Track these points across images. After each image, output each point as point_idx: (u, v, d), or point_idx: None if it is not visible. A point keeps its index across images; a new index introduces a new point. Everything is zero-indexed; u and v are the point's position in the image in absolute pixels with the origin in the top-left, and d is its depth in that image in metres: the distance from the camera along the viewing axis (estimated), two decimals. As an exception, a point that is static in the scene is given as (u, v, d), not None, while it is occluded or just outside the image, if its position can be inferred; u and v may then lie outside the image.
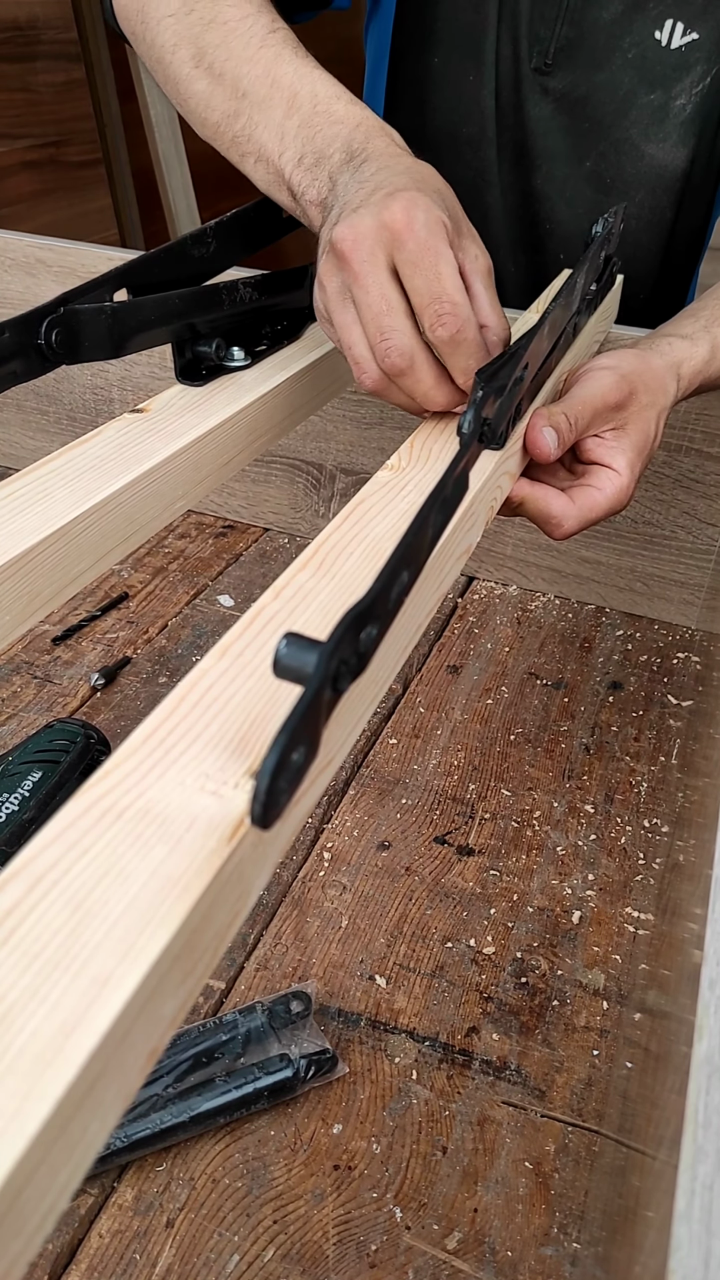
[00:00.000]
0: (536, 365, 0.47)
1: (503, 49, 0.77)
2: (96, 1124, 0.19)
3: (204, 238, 0.51)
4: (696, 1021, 0.25)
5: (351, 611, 0.24)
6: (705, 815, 0.43)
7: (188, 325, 0.49)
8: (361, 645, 0.25)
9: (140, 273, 0.47)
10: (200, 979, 0.22)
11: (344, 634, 0.23)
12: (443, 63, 0.80)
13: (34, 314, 0.41)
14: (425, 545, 0.30)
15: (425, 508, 0.29)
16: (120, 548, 0.40)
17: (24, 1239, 0.17)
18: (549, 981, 0.54)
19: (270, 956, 0.54)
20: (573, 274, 0.53)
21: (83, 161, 1.75)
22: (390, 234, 0.43)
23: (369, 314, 0.44)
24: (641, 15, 0.73)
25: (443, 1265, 0.42)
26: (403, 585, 0.28)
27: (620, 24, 0.74)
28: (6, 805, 0.56)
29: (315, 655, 0.22)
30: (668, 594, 0.82)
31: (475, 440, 0.39)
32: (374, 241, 0.43)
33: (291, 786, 0.23)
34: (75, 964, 0.19)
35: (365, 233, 0.43)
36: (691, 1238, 0.21)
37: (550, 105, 0.78)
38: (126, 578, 0.87)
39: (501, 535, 0.85)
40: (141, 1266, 0.41)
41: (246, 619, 0.31)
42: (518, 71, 0.78)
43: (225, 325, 0.51)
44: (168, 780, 0.24)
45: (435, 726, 0.71)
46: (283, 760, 0.21)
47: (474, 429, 0.40)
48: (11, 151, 1.59)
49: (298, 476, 0.91)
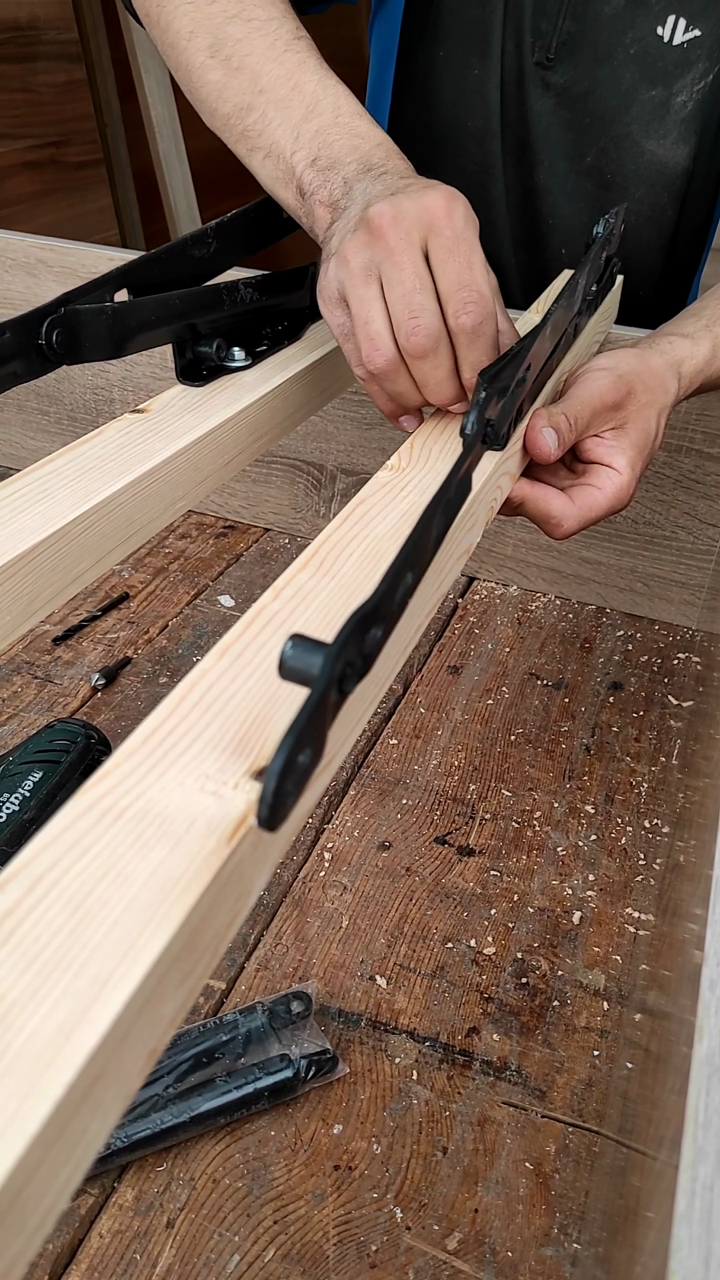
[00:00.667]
0: (538, 366, 0.47)
1: (507, 43, 0.77)
2: (96, 1124, 0.19)
3: (204, 238, 0.51)
4: (697, 1022, 0.25)
5: (357, 613, 0.24)
6: (705, 816, 0.43)
7: (188, 326, 0.49)
8: (367, 647, 0.25)
9: (141, 273, 0.47)
10: (200, 979, 0.22)
11: (350, 635, 0.23)
12: (448, 56, 0.80)
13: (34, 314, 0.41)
14: (430, 546, 0.30)
15: (429, 509, 0.29)
16: (121, 548, 0.40)
17: (24, 1238, 0.17)
18: (549, 982, 0.54)
19: (271, 957, 0.54)
20: (574, 275, 0.53)
21: (83, 162, 1.75)
22: (430, 218, 0.44)
23: (400, 290, 0.44)
24: (644, 11, 0.73)
25: (443, 1266, 0.42)
26: (407, 587, 0.28)
27: (623, 19, 0.74)
28: (7, 805, 0.56)
29: (321, 657, 0.22)
30: (668, 594, 0.82)
31: (479, 441, 0.39)
32: (413, 222, 0.44)
33: (298, 789, 0.23)
34: (75, 964, 0.19)
35: (406, 212, 0.44)
36: (692, 1238, 0.21)
37: (552, 100, 0.78)
38: (127, 578, 0.87)
39: (502, 535, 0.85)
40: (142, 1266, 0.41)
41: (246, 619, 0.31)
42: (521, 65, 0.78)
43: (226, 326, 0.51)
44: (167, 780, 0.24)
45: (436, 727, 0.71)
46: (289, 762, 0.21)
47: (477, 430, 0.40)
48: (12, 152, 1.59)
49: (298, 477, 0.91)
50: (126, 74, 1.77)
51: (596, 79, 0.76)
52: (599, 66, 0.75)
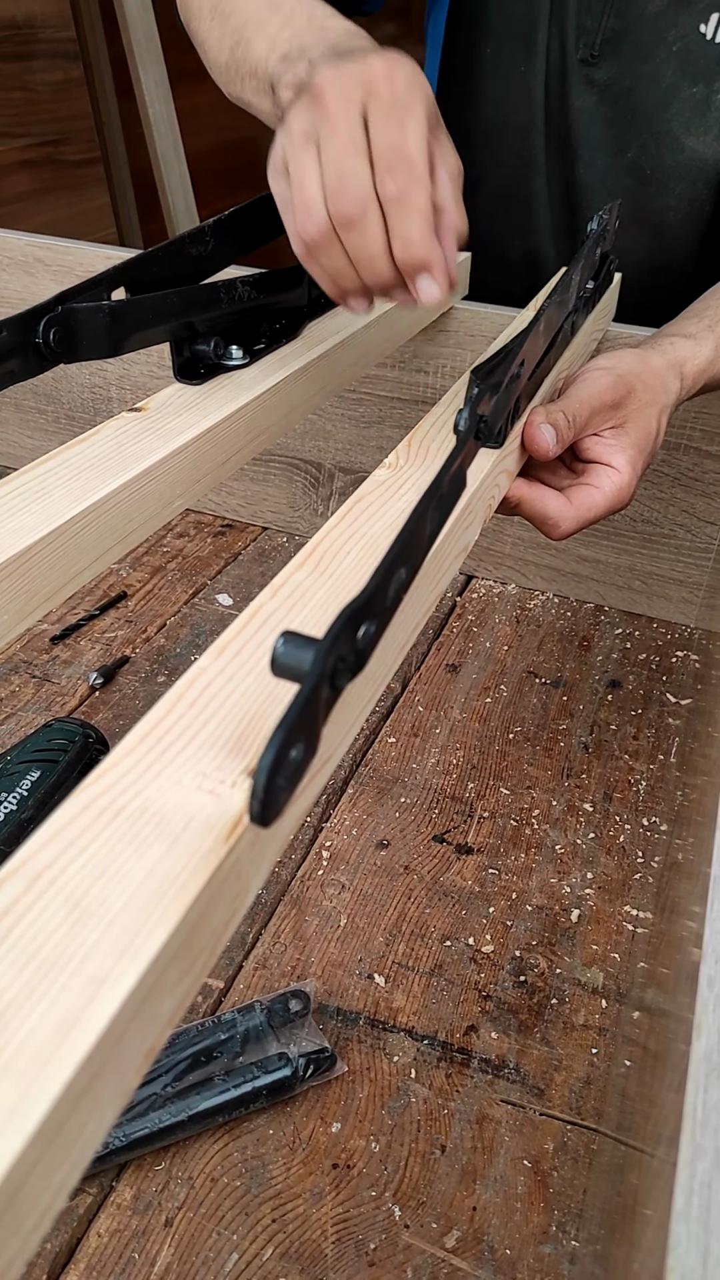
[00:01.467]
0: (533, 363, 0.47)
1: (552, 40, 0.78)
2: (94, 1123, 0.19)
3: (202, 236, 0.51)
4: (695, 1019, 0.25)
5: (347, 609, 0.24)
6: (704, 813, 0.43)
7: (186, 324, 0.49)
8: (359, 643, 0.25)
9: (138, 271, 0.47)
10: (198, 978, 0.22)
11: (340, 631, 0.23)
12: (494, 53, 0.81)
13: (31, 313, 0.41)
14: (423, 543, 0.30)
15: (421, 505, 0.29)
16: (118, 547, 0.40)
17: (21, 1238, 0.17)
18: (548, 980, 0.54)
19: (269, 955, 0.54)
20: (567, 271, 0.53)
21: (81, 160, 1.75)
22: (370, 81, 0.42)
23: (332, 154, 0.42)
24: (687, 8, 0.74)
25: (441, 1263, 0.42)
26: (400, 582, 0.28)
27: (666, 16, 0.74)
28: (5, 804, 0.56)
29: (312, 653, 0.22)
30: (667, 592, 0.82)
31: (471, 437, 0.39)
32: (352, 85, 0.42)
33: (290, 784, 0.23)
34: (72, 962, 0.19)
35: (346, 76, 0.43)
36: (690, 1236, 0.21)
37: (594, 96, 0.79)
38: (125, 577, 0.87)
39: (500, 534, 0.85)
40: (140, 1265, 0.41)
41: (244, 617, 0.31)
42: (564, 62, 0.79)
43: (224, 324, 0.51)
44: (165, 779, 0.24)
45: (434, 725, 0.71)
46: (280, 757, 0.21)
47: (470, 426, 0.40)
48: (9, 150, 1.59)
49: (296, 475, 0.91)
50: (124, 72, 1.76)
51: (639, 75, 0.76)
52: (642, 64, 0.76)
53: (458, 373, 0.78)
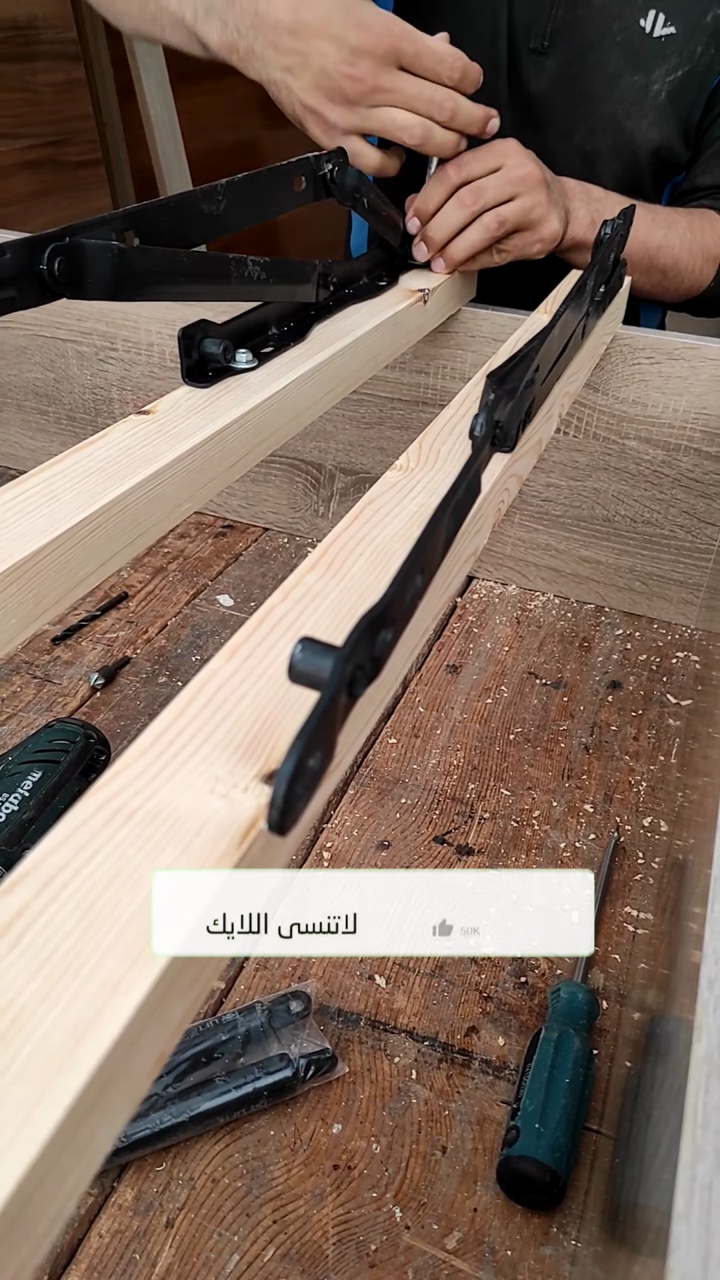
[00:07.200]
0: (547, 368, 0.47)
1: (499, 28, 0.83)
2: (105, 1129, 0.19)
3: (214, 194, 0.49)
4: (695, 1020, 0.25)
5: (367, 615, 0.24)
6: (704, 814, 0.44)
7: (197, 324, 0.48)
8: (377, 649, 0.25)
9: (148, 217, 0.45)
10: (209, 981, 0.23)
11: (360, 638, 0.23)
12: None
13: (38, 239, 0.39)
14: (440, 549, 0.30)
15: (439, 511, 0.29)
16: (126, 550, 0.40)
17: (32, 1244, 0.17)
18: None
19: (270, 956, 0.54)
20: (583, 276, 0.53)
21: (82, 161, 1.75)
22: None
23: None
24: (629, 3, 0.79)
25: (442, 1265, 0.42)
26: (417, 589, 0.28)
27: (610, 8, 0.80)
28: (6, 805, 0.56)
29: (331, 660, 0.22)
30: (667, 593, 0.83)
31: (488, 444, 0.39)
32: None
33: (308, 792, 0.22)
34: (86, 968, 0.19)
35: None
36: (690, 1237, 0.21)
37: (546, 82, 0.84)
38: (126, 577, 0.87)
39: (501, 535, 0.85)
40: (141, 1266, 0.41)
41: (255, 620, 0.31)
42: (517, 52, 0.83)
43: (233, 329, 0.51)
44: (177, 782, 0.24)
45: (435, 726, 0.72)
46: (300, 766, 0.21)
47: (486, 432, 0.40)
48: (11, 151, 1.59)
49: (297, 476, 0.91)
50: (125, 73, 1.76)
51: (586, 63, 0.82)
52: (589, 51, 0.81)
53: (458, 374, 0.78)
